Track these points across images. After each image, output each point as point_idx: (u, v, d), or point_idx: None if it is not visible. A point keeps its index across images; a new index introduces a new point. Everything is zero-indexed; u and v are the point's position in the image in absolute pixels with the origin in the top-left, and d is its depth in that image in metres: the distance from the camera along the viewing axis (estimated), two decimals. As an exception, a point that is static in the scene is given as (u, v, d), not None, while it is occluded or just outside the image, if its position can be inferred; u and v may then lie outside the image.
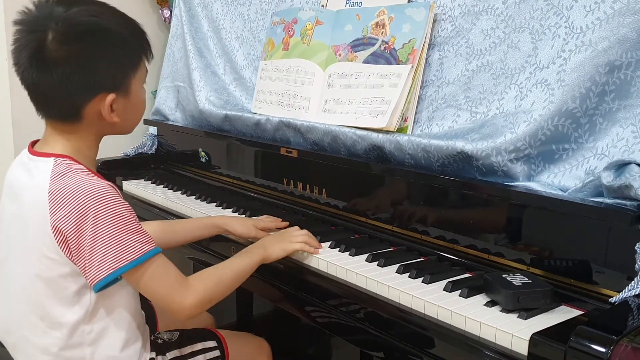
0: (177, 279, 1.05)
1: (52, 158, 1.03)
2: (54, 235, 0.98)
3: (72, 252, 0.99)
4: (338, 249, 1.30)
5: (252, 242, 1.35)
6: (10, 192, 1.08)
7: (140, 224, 1.03)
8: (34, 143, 1.11)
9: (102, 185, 1.00)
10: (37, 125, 1.13)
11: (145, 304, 1.09)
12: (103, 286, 0.99)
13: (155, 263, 1.02)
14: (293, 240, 1.27)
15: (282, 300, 1.34)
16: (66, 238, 0.98)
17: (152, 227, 1.41)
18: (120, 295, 1.07)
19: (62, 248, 0.99)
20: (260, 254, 1.22)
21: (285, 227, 1.45)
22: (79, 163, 1.05)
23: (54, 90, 1.02)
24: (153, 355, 1.18)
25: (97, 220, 0.97)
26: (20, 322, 1.06)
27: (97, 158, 1.13)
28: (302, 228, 1.41)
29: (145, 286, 1.03)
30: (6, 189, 1.10)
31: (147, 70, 1.13)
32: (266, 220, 1.45)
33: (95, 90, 1.03)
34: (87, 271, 0.98)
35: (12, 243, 1.06)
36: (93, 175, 1.04)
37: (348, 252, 1.28)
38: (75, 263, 1.00)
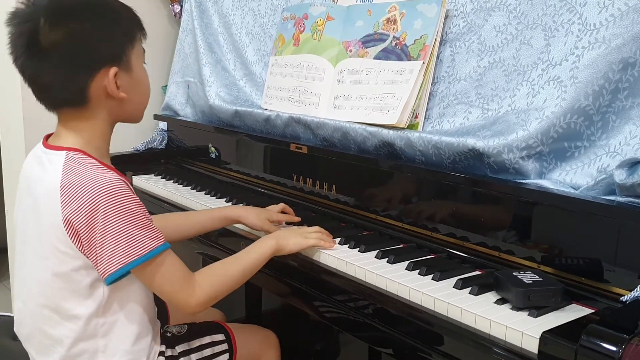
0: (184, 276, 1.06)
1: (64, 152, 1.04)
2: (66, 229, 0.99)
3: (84, 246, 1.00)
4: (348, 245, 1.30)
5: (261, 234, 1.36)
6: (26, 185, 1.09)
7: (150, 219, 1.03)
8: (48, 136, 1.12)
9: (113, 179, 1.00)
10: (48, 121, 1.13)
11: (158, 297, 1.11)
12: (114, 280, 1.00)
13: (163, 259, 1.03)
14: (308, 236, 1.27)
15: (291, 295, 1.34)
16: (77, 231, 0.99)
17: (167, 219, 1.42)
18: (132, 290, 1.08)
19: (74, 241, 1.00)
20: (271, 247, 1.21)
21: (297, 223, 1.45)
22: (90, 156, 1.05)
23: (55, 75, 1.02)
24: (163, 348, 1.18)
25: (107, 214, 0.97)
26: (34, 313, 1.07)
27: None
28: (311, 224, 1.42)
29: (153, 282, 1.04)
30: (22, 182, 1.11)
31: (143, 50, 1.12)
32: (279, 215, 1.45)
33: (95, 65, 1.03)
34: (98, 265, 1.00)
35: (28, 237, 1.08)
36: (105, 168, 1.05)
37: (358, 249, 1.28)
38: (87, 256, 1.00)
